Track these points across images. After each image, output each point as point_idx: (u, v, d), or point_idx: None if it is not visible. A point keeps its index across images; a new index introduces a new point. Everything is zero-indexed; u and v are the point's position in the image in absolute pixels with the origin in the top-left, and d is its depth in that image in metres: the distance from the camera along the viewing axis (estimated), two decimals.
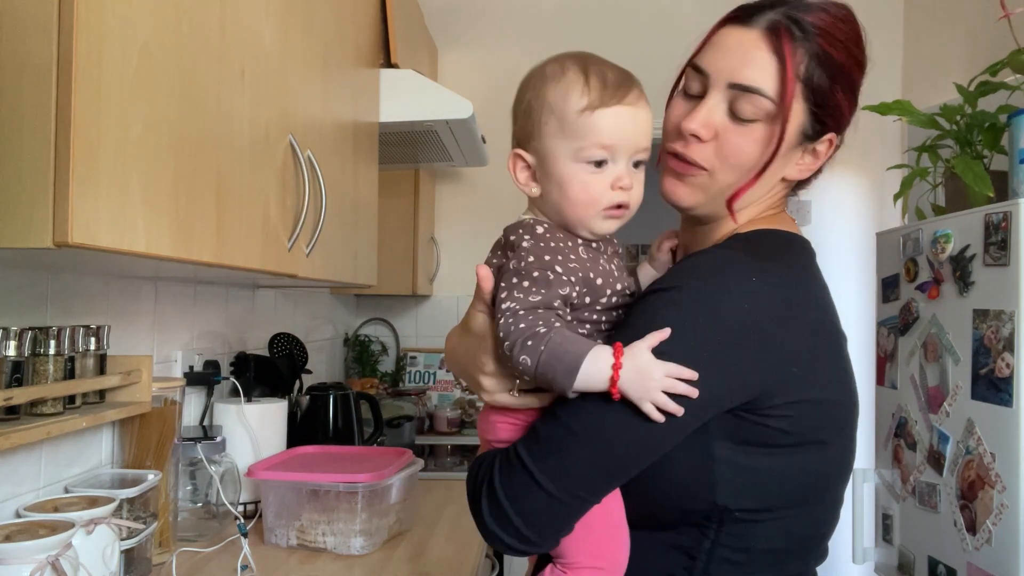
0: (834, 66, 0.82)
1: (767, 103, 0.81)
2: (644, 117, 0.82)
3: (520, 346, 0.76)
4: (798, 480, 0.81)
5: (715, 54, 0.85)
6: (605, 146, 0.81)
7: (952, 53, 2.87)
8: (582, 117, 0.80)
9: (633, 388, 0.74)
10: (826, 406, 0.82)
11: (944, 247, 1.79)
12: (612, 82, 0.80)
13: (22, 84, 0.76)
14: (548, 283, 0.78)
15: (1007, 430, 1.57)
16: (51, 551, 0.96)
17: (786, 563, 0.84)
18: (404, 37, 2.25)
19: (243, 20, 1.16)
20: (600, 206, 0.82)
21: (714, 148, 0.84)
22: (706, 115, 0.83)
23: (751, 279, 0.78)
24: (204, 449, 1.53)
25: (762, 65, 0.81)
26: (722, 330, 0.75)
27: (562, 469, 0.77)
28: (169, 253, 0.95)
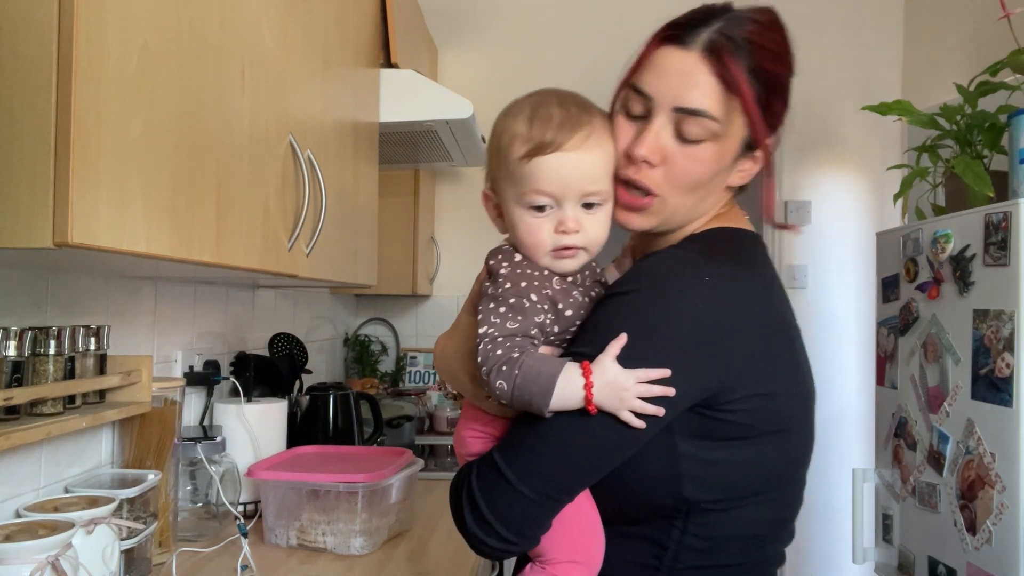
0: (770, 77, 0.85)
1: (713, 124, 0.83)
2: (590, 160, 0.83)
3: (496, 372, 0.79)
4: (759, 470, 0.84)
5: (656, 77, 0.85)
6: (543, 193, 0.83)
7: (952, 53, 2.87)
8: (521, 165, 0.83)
9: (609, 401, 0.77)
10: (782, 398, 0.84)
11: (944, 247, 1.79)
12: (555, 127, 0.81)
13: (22, 84, 0.76)
14: (524, 311, 0.81)
15: (1007, 430, 1.57)
16: (51, 551, 0.96)
17: (752, 548, 0.88)
18: (404, 37, 2.25)
19: (243, 20, 1.16)
20: (545, 248, 0.84)
21: (663, 172, 0.85)
22: (654, 140, 0.84)
23: (704, 279, 0.80)
24: (204, 449, 1.53)
25: (705, 88, 0.82)
26: (679, 331, 0.79)
27: (535, 471, 0.80)
28: (169, 253, 0.95)
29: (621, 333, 0.78)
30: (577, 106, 0.84)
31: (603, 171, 0.84)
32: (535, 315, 0.81)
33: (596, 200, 0.84)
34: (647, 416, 0.77)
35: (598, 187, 0.83)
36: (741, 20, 0.84)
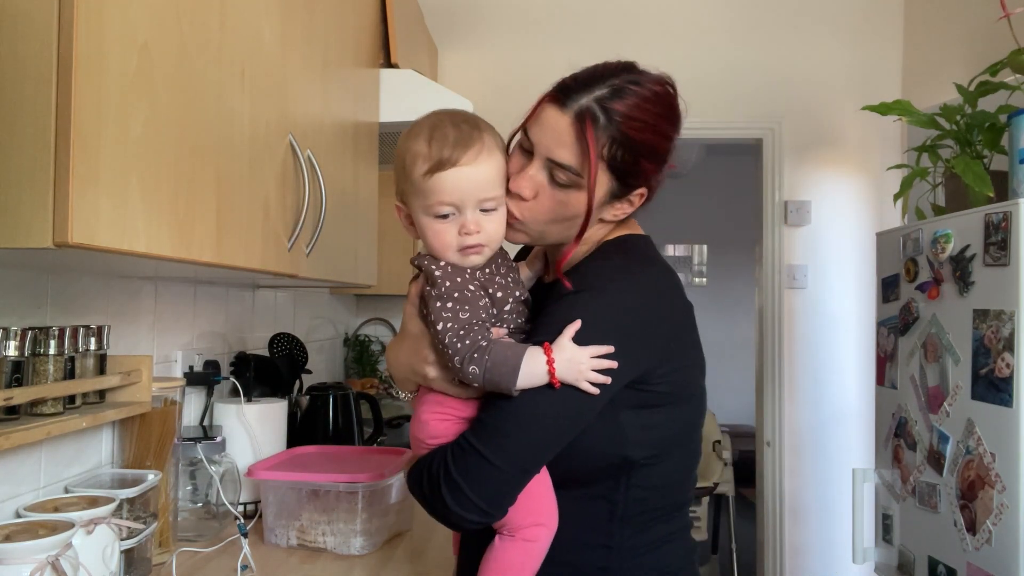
0: (636, 145, 0.97)
1: (575, 176, 0.98)
2: (483, 172, 0.96)
3: (468, 359, 0.91)
4: (678, 427, 1.04)
5: (539, 129, 1.00)
6: (445, 203, 0.96)
7: (952, 53, 2.87)
8: (425, 180, 0.95)
9: (569, 374, 0.92)
10: (690, 368, 1.04)
11: (944, 247, 1.79)
12: (451, 146, 0.95)
13: (22, 84, 0.76)
14: (469, 300, 0.95)
15: (1007, 430, 1.57)
16: (51, 551, 0.96)
17: (675, 491, 1.07)
18: (404, 37, 2.25)
19: (243, 20, 1.16)
20: (453, 248, 0.97)
21: (530, 206, 1.01)
22: (529, 180, 1.00)
23: (636, 278, 0.99)
24: (204, 449, 1.53)
25: (570, 147, 0.97)
26: (619, 321, 0.96)
27: (508, 448, 0.93)
28: (169, 253, 0.95)
29: (576, 321, 0.93)
30: (468, 124, 0.97)
31: (495, 179, 0.97)
32: (478, 301, 0.95)
33: (491, 205, 0.98)
34: (599, 387, 0.93)
35: (492, 193, 0.97)
36: (621, 92, 0.96)
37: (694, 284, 6.69)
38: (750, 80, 3.27)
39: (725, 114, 3.26)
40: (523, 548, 0.97)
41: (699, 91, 3.43)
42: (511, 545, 0.97)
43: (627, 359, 0.95)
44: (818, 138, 3.29)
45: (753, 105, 3.27)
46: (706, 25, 3.27)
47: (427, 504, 0.99)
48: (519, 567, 0.97)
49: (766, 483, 3.29)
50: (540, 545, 0.97)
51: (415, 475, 1.01)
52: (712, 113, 3.22)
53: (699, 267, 6.71)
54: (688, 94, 1.04)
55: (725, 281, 6.57)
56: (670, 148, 1.02)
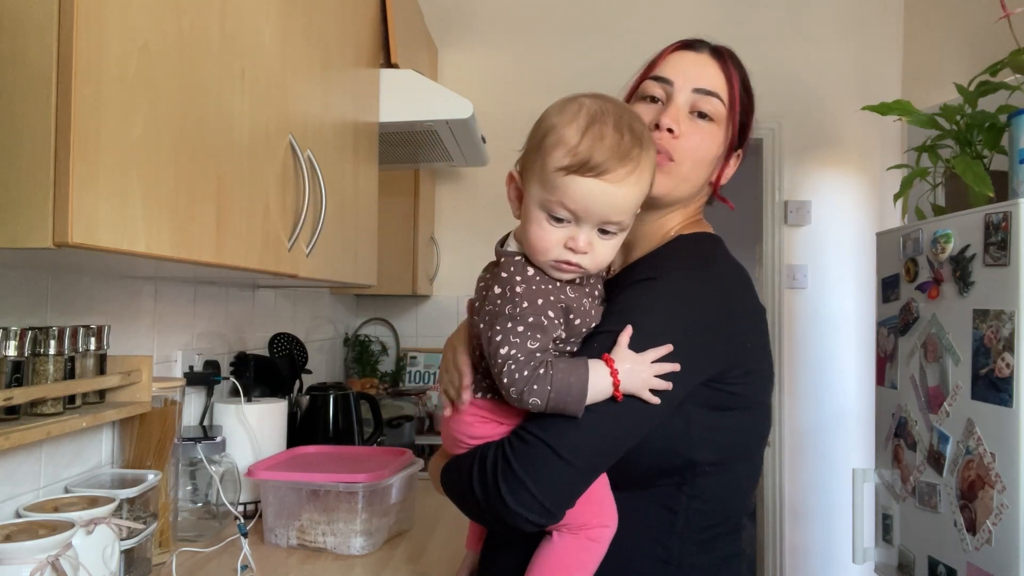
0: (750, 93, 1.06)
1: (721, 106, 1.01)
2: (626, 194, 0.85)
3: (528, 391, 0.83)
4: (748, 434, 0.98)
5: (675, 68, 1.02)
6: (567, 208, 0.85)
7: (952, 53, 2.87)
8: (557, 175, 0.84)
9: (633, 386, 0.86)
10: (763, 374, 0.99)
11: (944, 247, 1.79)
12: (603, 152, 0.83)
13: (22, 84, 0.76)
14: (543, 328, 0.85)
15: (1007, 430, 1.57)
16: (51, 551, 0.96)
17: (738, 504, 1.00)
18: (404, 37, 2.25)
19: (243, 20, 1.16)
20: (549, 256, 0.87)
21: (681, 142, 0.99)
22: (676, 114, 0.99)
23: (715, 272, 0.96)
24: (204, 449, 1.53)
25: (715, 77, 1.02)
26: (695, 315, 0.91)
27: (582, 443, 0.86)
28: (169, 253, 0.95)
29: (645, 315, 0.88)
30: (632, 135, 0.85)
31: (632, 205, 0.87)
32: (553, 331, 0.86)
33: (613, 229, 0.87)
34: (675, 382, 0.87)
35: (620, 218, 0.86)
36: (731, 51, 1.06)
37: None
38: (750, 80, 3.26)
39: None
40: (586, 548, 0.90)
41: None
42: (573, 543, 0.90)
43: (704, 354, 0.90)
44: (818, 138, 3.29)
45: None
46: (705, 25, 3.25)
47: (474, 504, 0.91)
48: (581, 566, 0.90)
49: (766, 483, 3.29)
50: (603, 547, 0.91)
51: (453, 475, 0.94)
52: None
53: None
54: None
55: None
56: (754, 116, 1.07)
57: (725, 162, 1.05)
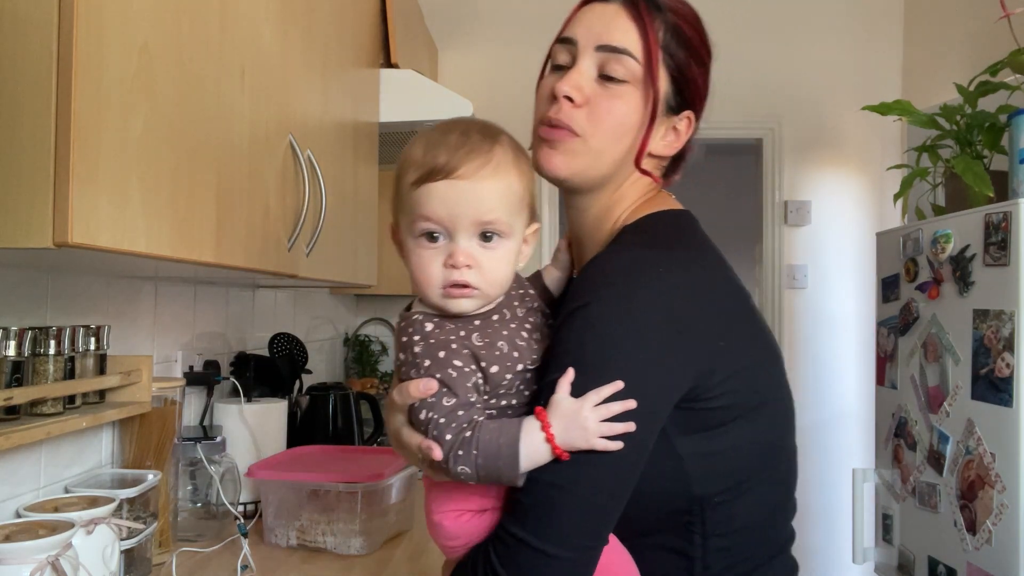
0: (687, 40, 0.87)
1: (635, 65, 0.84)
2: (487, 189, 0.76)
3: (453, 458, 0.73)
4: (756, 446, 0.83)
5: (580, 26, 0.87)
6: (430, 219, 0.76)
7: (952, 53, 2.87)
8: (412, 191, 0.77)
9: (573, 439, 0.73)
10: (756, 368, 0.83)
11: (944, 247, 1.79)
12: (448, 152, 0.76)
13: (22, 84, 0.76)
14: (454, 382, 0.75)
15: (1007, 430, 1.57)
16: (51, 551, 0.96)
17: (770, 530, 0.86)
18: (404, 37, 2.25)
19: (243, 20, 1.16)
20: (436, 285, 0.77)
21: (586, 112, 0.84)
22: (577, 78, 0.84)
23: (659, 272, 0.78)
24: (204, 449, 1.53)
25: (626, 30, 0.84)
26: (648, 333, 0.76)
27: (561, 527, 0.74)
28: (169, 253, 0.95)
29: (583, 351, 0.75)
30: (481, 134, 0.78)
31: (501, 202, 0.77)
32: (466, 380, 0.76)
33: (494, 231, 0.77)
34: (645, 419, 0.74)
35: (495, 216, 0.76)
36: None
37: None
38: (750, 80, 3.27)
39: (725, 114, 3.25)
40: None
41: None
42: None
43: (666, 377, 0.76)
44: (818, 138, 3.29)
45: (753, 105, 3.27)
46: (706, 25, 3.26)
47: None
48: None
49: None
50: None
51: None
52: (712, 113, 3.21)
53: None
54: None
55: None
56: (710, 65, 0.90)
57: (649, 127, 0.86)
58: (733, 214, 6.55)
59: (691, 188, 5.22)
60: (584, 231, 0.92)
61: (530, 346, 0.80)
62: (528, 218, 0.82)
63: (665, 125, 0.89)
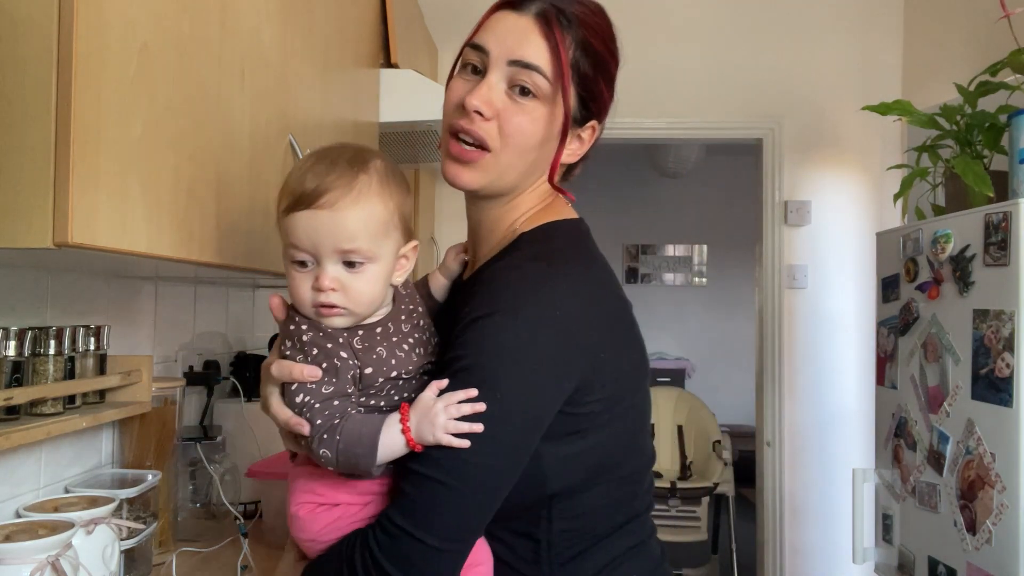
0: (595, 55, 0.89)
1: (544, 82, 0.86)
2: (348, 218, 0.80)
3: (319, 441, 0.78)
4: (613, 446, 0.88)
5: (493, 35, 0.88)
6: (298, 248, 0.81)
7: (952, 53, 2.87)
8: (283, 218, 0.82)
9: (423, 433, 0.77)
10: (627, 374, 0.88)
11: (944, 247, 1.79)
12: (314, 182, 0.80)
13: (22, 84, 0.76)
14: (336, 371, 0.80)
15: (1007, 430, 1.57)
16: (51, 551, 0.96)
17: (621, 508, 0.91)
18: (404, 37, 2.25)
19: (243, 20, 1.16)
20: (308, 305, 0.82)
21: (496, 126, 0.87)
22: (487, 92, 0.87)
23: (551, 285, 0.82)
24: (204, 449, 1.53)
25: (538, 47, 0.86)
26: (535, 347, 0.80)
27: (444, 522, 0.77)
28: (169, 253, 0.95)
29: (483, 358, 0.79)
30: (351, 161, 0.82)
31: (365, 228, 0.81)
32: (347, 372, 0.81)
33: (357, 259, 0.81)
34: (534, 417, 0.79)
35: (356, 245, 0.80)
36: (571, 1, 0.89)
37: (694, 284, 6.70)
38: (750, 80, 3.27)
39: (725, 114, 3.26)
40: None
41: (699, 91, 3.45)
42: None
43: (552, 389, 0.81)
44: (818, 138, 3.29)
45: (753, 105, 3.27)
46: (706, 25, 3.27)
47: None
48: None
49: (766, 483, 3.29)
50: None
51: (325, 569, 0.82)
52: (712, 113, 3.22)
53: (699, 267, 6.71)
54: (688, 94, 1.03)
55: (725, 281, 6.58)
56: (615, 75, 0.93)
57: (561, 143, 0.89)
58: (733, 214, 6.58)
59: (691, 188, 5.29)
60: (481, 230, 0.97)
61: (409, 358, 0.85)
62: (402, 238, 0.86)
63: (571, 134, 0.92)
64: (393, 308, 0.88)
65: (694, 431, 4.20)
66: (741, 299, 6.34)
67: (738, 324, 6.35)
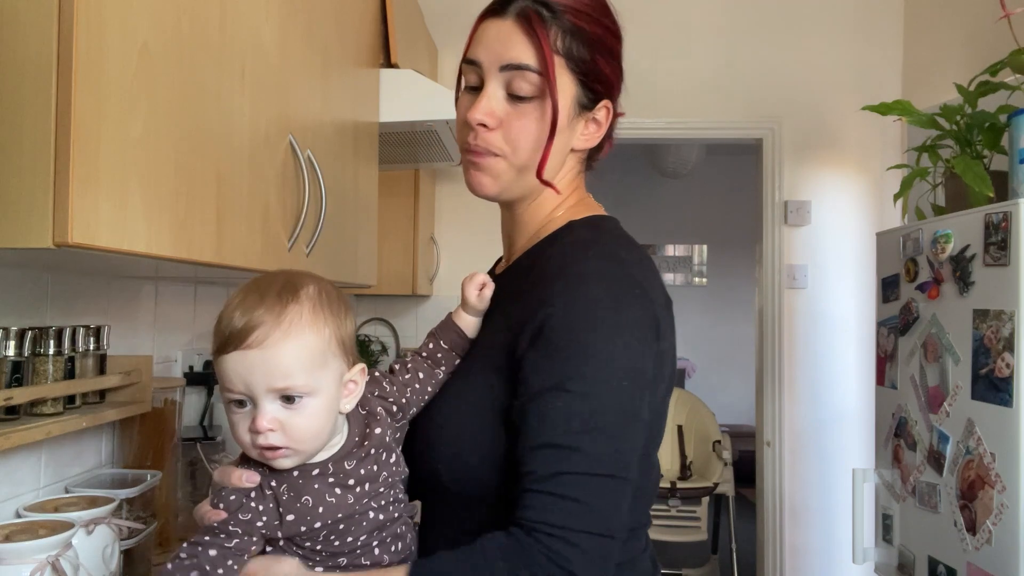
0: (588, 36, 0.88)
1: (536, 77, 0.87)
2: (278, 355, 0.75)
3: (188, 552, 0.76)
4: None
5: (482, 46, 0.90)
6: (231, 391, 0.76)
7: (952, 53, 2.87)
8: (215, 360, 0.78)
9: None
10: (669, 375, 0.90)
11: (944, 247, 1.79)
12: (239, 321, 0.76)
13: (22, 84, 0.76)
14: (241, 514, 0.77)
15: (1007, 430, 1.57)
16: (51, 551, 0.96)
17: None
18: (404, 37, 2.25)
19: (243, 20, 1.16)
20: (250, 448, 0.77)
21: (502, 134, 0.89)
22: (487, 104, 0.88)
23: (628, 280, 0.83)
24: (204, 449, 1.53)
25: (521, 44, 0.87)
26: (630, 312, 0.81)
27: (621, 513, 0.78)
28: (169, 253, 0.95)
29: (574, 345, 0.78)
30: (278, 293, 0.78)
31: (298, 363, 0.76)
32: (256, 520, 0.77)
33: (295, 394, 0.76)
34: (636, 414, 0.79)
35: (291, 382, 0.75)
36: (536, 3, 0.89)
37: (694, 284, 6.70)
38: (750, 80, 3.27)
39: (725, 114, 3.26)
40: None
41: (699, 91, 3.45)
42: None
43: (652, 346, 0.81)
44: (818, 138, 3.29)
45: (753, 105, 3.27)
46: (706, 25, 3.27)
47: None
48: None
49: (766, 483, 3.29)
50: None
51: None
52: (712, 113, 3.22)
53: (699, 267, 6.71)
54: (688, 94, 1.02)
55: (725, 281, 6.58)
56: (620, 50, 0.92)
57: (549, 141, 0.89)
58: (733, 214, 6.58)
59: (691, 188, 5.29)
60: (516, 225, 0.97)
61: (344, 500, 0.79)
62: (344, 364, 0.81)
63: (584, 119, 0.92)
64: (347, 440, 0.82)
65: (694, 431, 4.20)
66: (741, 299, 6.34)
67: (738, 324, 6.35)
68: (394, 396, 0.88)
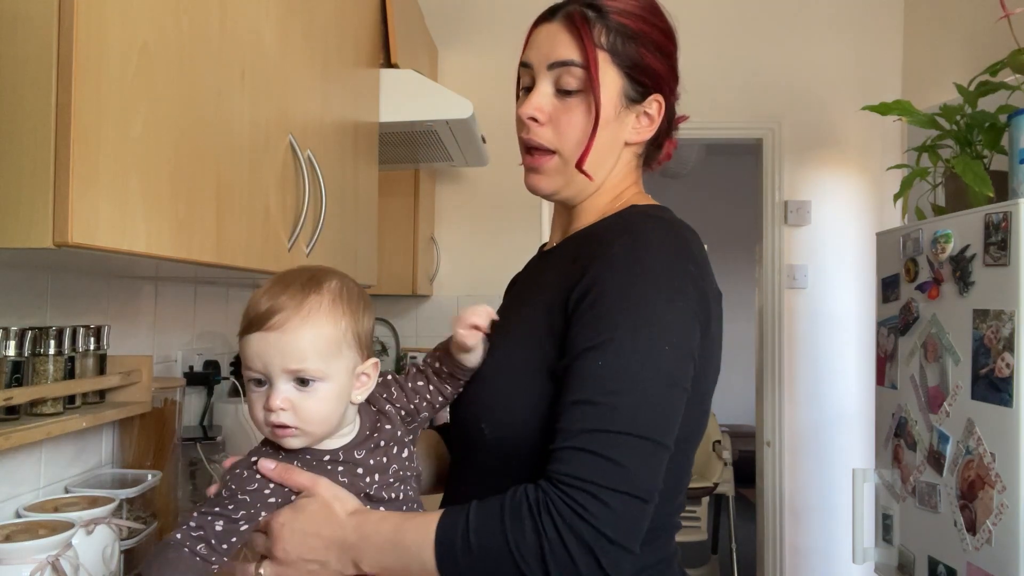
0: (633, 32, 0.91)
1: (581, 72, 0.90)
2: (295, 339, 0.80)
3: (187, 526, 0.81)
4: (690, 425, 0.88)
5: (533, 48, 0.95)
6: (251, 369, 0.82)
7: (952, 53, 2.87)
8: (240, 340, 0.83)
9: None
10: (713, 372, 0.92)
11: (944, 247, 1.79)
12: (264, 305, 0.81)
13: (22, 84, 0.76)
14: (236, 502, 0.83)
15: (1007, 430, 1.57)
16: (51, 551, 0.96)
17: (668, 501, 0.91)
18: (404, 37, 2.25)
19: (243, 20, 1.16)
20: (262, 425, 0.83)
21: (552, 128, 0.93)
22: (537, 100, 0.92)
23: (686, 266, 0.85)
24: (204, 449, 1.53)
25: (567, 43, 0.91)
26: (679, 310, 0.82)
27: (654, 476, 0.77)
28: (169, 253, 0.95)
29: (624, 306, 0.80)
30: (305, 284, 0.83)
31: (313, 348, 0.80)
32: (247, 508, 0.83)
33: (308, 377, 0.81)
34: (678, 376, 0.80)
35: (304, 366, 0.80)
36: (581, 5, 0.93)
37: None
38: (750, 80, 3.27)
39: (725, 114, 3.26)
40: None
41: (699, 91, 3.43)
42: None
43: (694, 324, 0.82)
44: (818, 138, 3.29)
45: (753, 105, 3.27)
46: (706, 25, 3.27)
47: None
48: None
49: (766, 483, 3.29)
50: None
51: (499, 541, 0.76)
52: (712, 113, 3.22)
53: None
54: (688, 94, 1.03)
55: (725, 281, 6.52)
56: (672, 48, 0.95)
57: (593, 132, 0.91)
58: (733, 214, 6.57)
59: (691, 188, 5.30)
60: (572, 220, 0.99)
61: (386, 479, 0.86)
62: (358, 356, 0.85)
63: (634, 113, 0.94)
64: (358, 432, 0.87)
65: None
66: (741, 299, 6.33)
67: (738, 324, 6.32)
68: (402, 402, 0.92)
